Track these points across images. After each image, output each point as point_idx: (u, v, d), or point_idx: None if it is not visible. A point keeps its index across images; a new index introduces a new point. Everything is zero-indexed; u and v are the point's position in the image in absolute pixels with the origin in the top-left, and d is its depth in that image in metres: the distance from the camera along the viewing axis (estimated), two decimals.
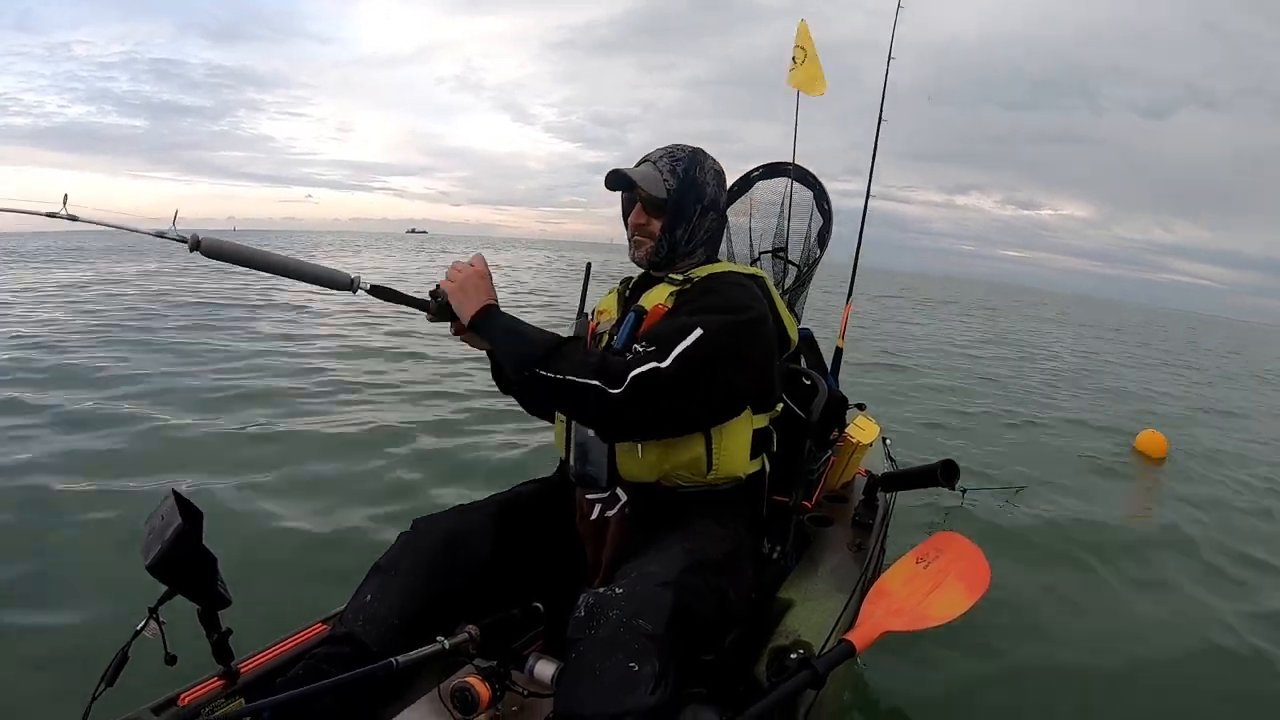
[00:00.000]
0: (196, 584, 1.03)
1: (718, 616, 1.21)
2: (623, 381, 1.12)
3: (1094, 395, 8.06)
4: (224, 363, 5.91)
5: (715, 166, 1.43)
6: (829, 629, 1.40)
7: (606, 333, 1.43)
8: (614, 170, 1.37)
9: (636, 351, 1.17)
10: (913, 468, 2.09)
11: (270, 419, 4.33)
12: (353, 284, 1.29)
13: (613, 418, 1.16)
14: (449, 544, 1.28)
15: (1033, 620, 2.59)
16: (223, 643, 1.12)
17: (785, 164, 2.30)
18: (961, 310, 23.94)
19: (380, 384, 5.54)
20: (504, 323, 1.22)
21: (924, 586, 1.42)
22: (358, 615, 1.19)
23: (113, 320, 8.04)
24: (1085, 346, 15.29)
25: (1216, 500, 4.41)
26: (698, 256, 1.44)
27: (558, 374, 1.13)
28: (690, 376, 1.16)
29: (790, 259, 2.27)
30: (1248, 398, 10.13)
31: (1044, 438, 5.62)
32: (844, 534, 1.89)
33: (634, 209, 1.40)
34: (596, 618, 1.03)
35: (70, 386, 4.83)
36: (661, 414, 1.19)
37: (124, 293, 10.99)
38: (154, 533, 1.01)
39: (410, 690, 1.21)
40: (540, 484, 1.56)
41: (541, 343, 1.17)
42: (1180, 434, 5.96)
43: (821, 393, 1.77)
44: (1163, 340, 21.87)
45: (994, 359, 10.54)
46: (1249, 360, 18.65)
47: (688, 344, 1.16)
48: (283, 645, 1.30)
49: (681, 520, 1.31)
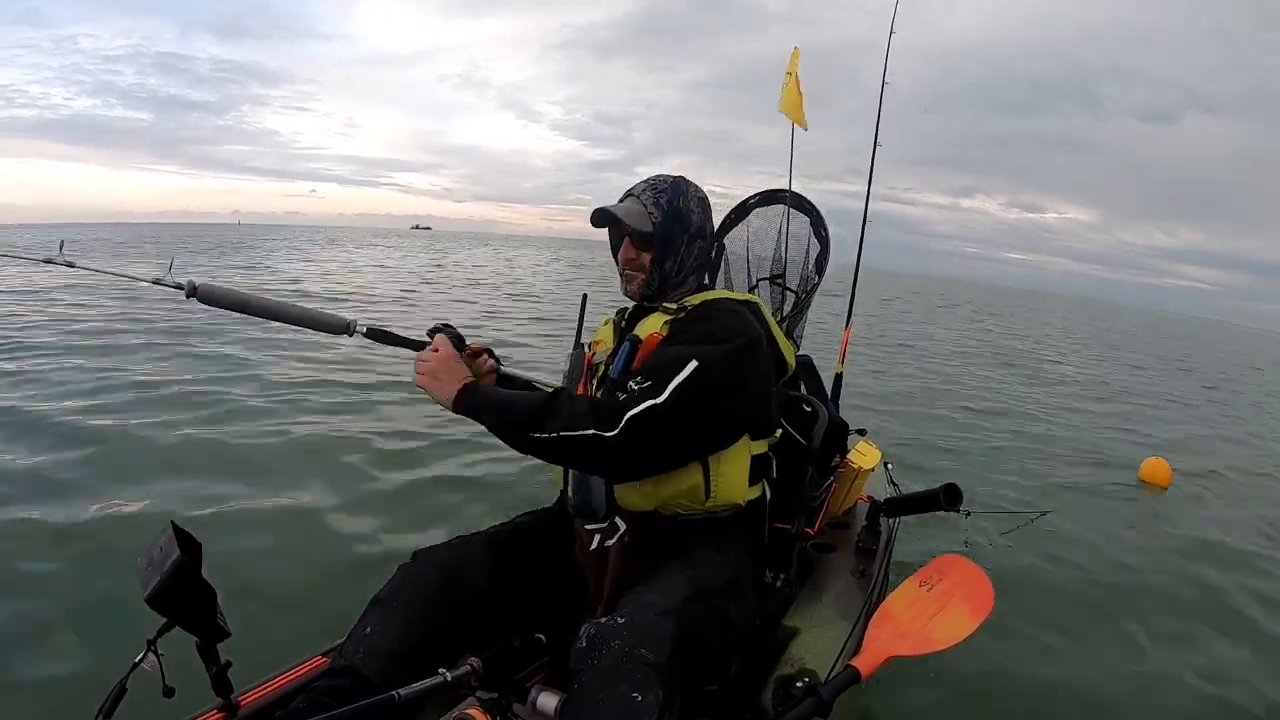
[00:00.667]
0: (195, 616, 1.02)
1: (721, 644, 1.20)
2: (618, 423, 1.14)
3: (1096, 416, 8.04)
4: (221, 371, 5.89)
5: (699, 194, 1.44)
6: (834, 656, 1.39)
7: (603, 363, 1.44)
8: (599, 209, 1.39)
9: (631, 390, 1.18)
10: (915, 492, 2.09)
11: (261, 438, 4.32)
12: (349, 328, 1.31)
13: (613, 461, 1.19)
14: (449, 575, 1.28)
15: (1038, 643, 2.56)
16: (222, 675, 1.11)
17: (782, 191, 2.32)
18: (966, 318, 23.81)
19: (376, 409, 5.53)
20: (487, 400, 1.25)
21: (928, 610, 1.41)
22: (358, 648, 1.18)
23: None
24: (1089, 358, 15.29)
25: (1220, 527, 4.39)
26: (689, 284, 1.45)
27: (551, 434, 1.16)
28: (687, 409, 1.17)
29: (788, 285, 2.28)
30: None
31: (1047, 461, 5.59)
32: (847, 560, 1.88)
33: (623, 245, 1.42)
34: (598, 648, 1.03)
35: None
36: (660, 450, 1.21)
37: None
38: (152, 564, 1.01)
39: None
40: (540, 515, 1.55)
41: (528, 408, 1.19)
42: (1182, 459, 5.95)
43: (822, 419, 1.77)
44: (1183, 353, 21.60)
45: (990, 372, 10.56)
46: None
47: (683, 377, 1.17)
48: (283, 678, 1.28)
49: (682, 549, 1.30)
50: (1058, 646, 2.59)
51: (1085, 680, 2.37)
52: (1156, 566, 3.59)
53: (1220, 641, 2.84)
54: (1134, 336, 27.40)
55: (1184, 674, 2.52)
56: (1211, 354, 24.25)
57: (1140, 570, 3.50)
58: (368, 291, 14.00)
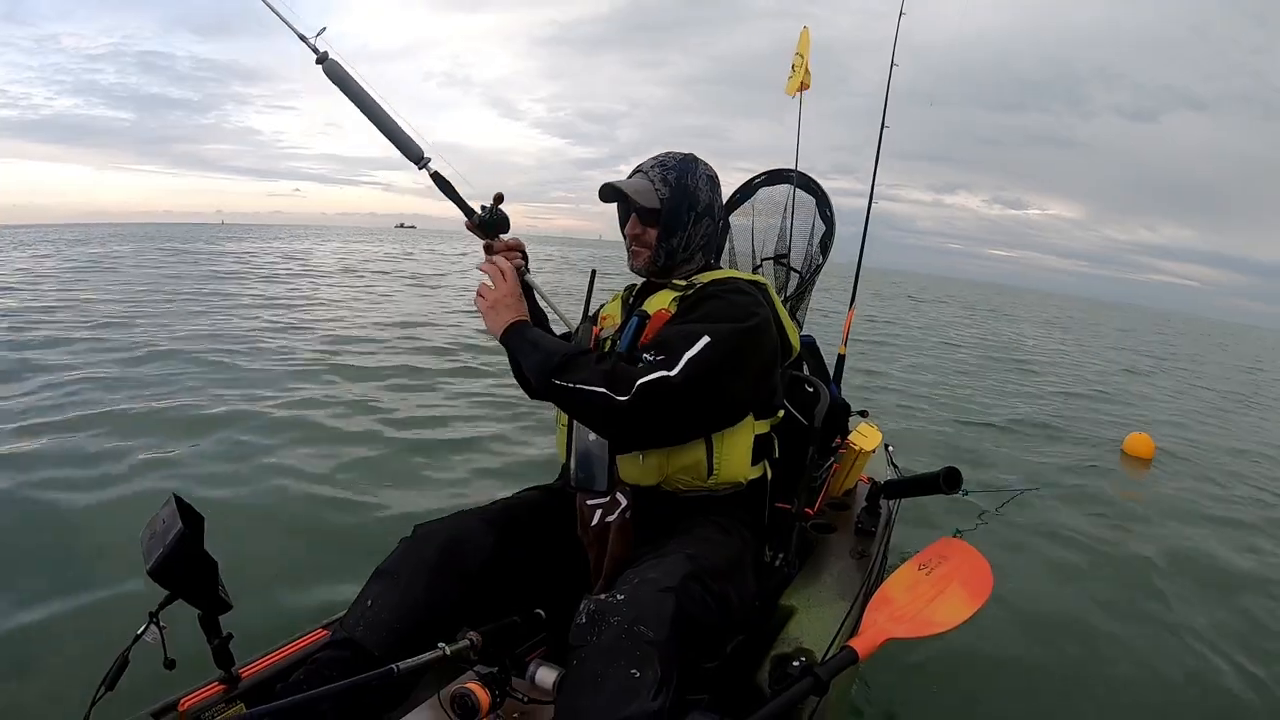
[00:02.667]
0: (197, 589, 1.03)
1: (720, 623, 1.20)
2: (630, 389, 1.15)
3: (1079, 399, 8.11)
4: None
5: (708, 172, 1.43)
6: (832, 636, 1.39)
7: (610, 338, 1.43)
8: (606, 183, 1.39)
9: (646, 359, 1.20)
10: (915, 475, 2.09)
11: (270, 410, 4.33)
12: (421, 160, 1.37)
13: (620, 425, 1.19)
14: (450, 549, 1.28)
15: (1035, 626, 2.58)
16: (223, 647, 1.12)
17: (788, 170, 2.30)
18: (949, 311, 23.75)
19: (381, 386, 5.54)
20: (528, 337, 1.29)
21: (927, 593, 1.41)
22: (359, 620, 1.19)
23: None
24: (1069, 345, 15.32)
25: (1201, 498, 4.57)
26: (696, 262, 1.45)
27: (569, 382, 1.18)
28: (698, 384, 1.18)
29: (793, 265, 2.27)
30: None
31: (1032, 441, 5.66)
32: (847, 541, 1.89)
33: (630, 220, 1.41)
34: (598, 624, 1.03)
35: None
36: (668, 421, 1.21)
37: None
38: (155, 537, 1.01)
39: (411, 696, 1.21)
40: (542, 490, 1.55)
41: (558, 353, 1.22)
42: (1166, 435, 6.14)
43: (824, 399, 1.77)
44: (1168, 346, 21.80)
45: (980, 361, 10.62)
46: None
47: (695, 351, 1.18)
48: (284, 650, 1.30)
49: (683, 526, 1.31)
50: (1055, 626, 2.61)
51: (1081, 661, 2.39)
52: (1144, 536, 3.71)
53: (1208, 608, 2.93)
54: (1115, 329, 27.61)
55: (1175, 643, 2.59)
56: (1195, 347, 24.44)
57: (1128, 541, 3.61)
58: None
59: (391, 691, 1.18)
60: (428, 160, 1.39)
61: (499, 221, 1.43)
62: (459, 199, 1.42)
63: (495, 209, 1.42)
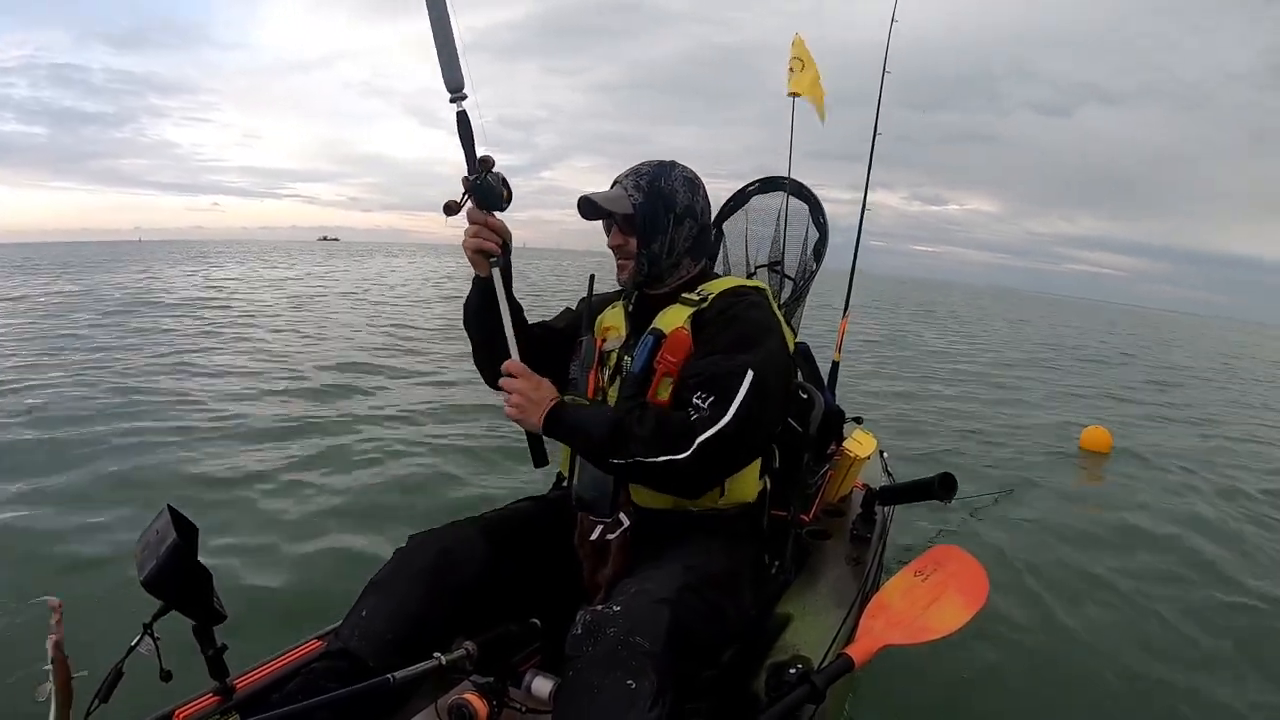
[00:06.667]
0: (192, 599, 1.02)
1: (716, 634, 1.20)
2: (689, 446, 1.16)
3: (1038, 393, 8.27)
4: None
5: (685, 174, 1.40)
6: (828, 643, 1.39)
7: (615, 350, 1.41)
8: (583, 197, 1.35)
9: (697, 406, 1.19)
10: (910, 481, 2.09)
11: (262, 423, 4.31)
12: (458, 91, 1.23)
13: (684, 483, 1.23)
14: (445, 559, 1.27)
15: (1031, 632, 2.58)
16: (218, 658, 1.11)
17: (781, 178, 2.30)
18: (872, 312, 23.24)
19: (377, 397, 5.53)
20: (566, 423, 1.26)
21: (922, 600, 1.42)
22: (354, 631, 1.18)
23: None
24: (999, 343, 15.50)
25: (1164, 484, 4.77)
26: (685, 267, 1.42)
27: (627, 460, 1.19)
28: (749, 424, 1.20)
29: (786, 273, 2.27)
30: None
31: (990, 442, 5.66)
32: (842, 548, 1.89)
33: (612, 232, 1.40)
34: (594, 635, 1.03)
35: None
36: (727, 469, 1.27)
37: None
38: (148, 548, 1.00)
39: (407, 706, 1.20)
40: (538, 500, 1.55)
41: (604, 433, 1.21)
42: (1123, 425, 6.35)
43: (819, 406, 1.77)
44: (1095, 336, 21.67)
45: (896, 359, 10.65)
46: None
47: (745, 393, 1.19)
48: (278, 661, 1.29)
49: (681, 538, 1.31)
50: (1050, 631, 2.62)
51: (1077, 666, 2.40)
52: (1113, 525, 3.86)
53: (1181, 592, 3.06)
54: (1039, 320, 28.09)
55: (1176, 650, 2.60)
56: (1115, 335, 24.73)
57: (1102, 532, 3.75)
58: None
59: (387, 702, 1.17)
60: (463, 96, 1.24)
61: (488, 190, 1.28)
62: (471, 151, 1.26)
63: (484, 175, 1.27)
